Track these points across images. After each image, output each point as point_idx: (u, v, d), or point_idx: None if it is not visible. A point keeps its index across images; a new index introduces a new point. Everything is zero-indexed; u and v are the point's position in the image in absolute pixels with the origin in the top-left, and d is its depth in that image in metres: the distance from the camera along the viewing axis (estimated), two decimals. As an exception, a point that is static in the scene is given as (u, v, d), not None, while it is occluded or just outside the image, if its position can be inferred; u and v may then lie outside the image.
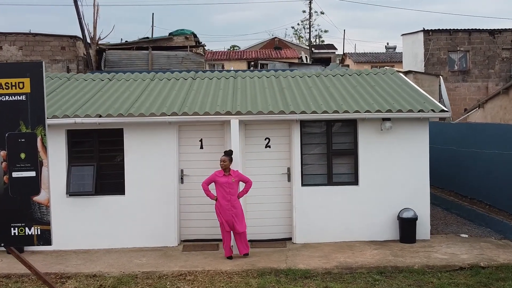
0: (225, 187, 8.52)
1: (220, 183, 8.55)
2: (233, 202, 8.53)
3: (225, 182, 8.53)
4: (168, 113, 9.34)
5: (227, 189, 8.51)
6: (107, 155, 9.74)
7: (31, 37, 24.24)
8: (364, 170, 9.65)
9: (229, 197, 8.51)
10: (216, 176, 8.62)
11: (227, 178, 8.56)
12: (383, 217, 9.65)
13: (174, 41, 24.53)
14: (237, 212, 8.57)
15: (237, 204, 8.61)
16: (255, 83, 11.37)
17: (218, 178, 8.59)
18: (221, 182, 8.54)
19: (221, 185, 8.55)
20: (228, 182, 8.53)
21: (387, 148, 9.65)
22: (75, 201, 9.54)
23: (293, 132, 9.62)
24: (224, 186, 8.52)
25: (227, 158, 8.61)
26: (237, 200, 8.64)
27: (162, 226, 9.54)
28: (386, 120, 9.47)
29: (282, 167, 9.81)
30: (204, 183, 8.68)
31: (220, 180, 8.55)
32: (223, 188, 8.53)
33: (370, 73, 11.95)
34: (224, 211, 8.51)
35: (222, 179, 8.56)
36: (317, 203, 9.63)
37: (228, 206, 8.50)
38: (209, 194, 8.67)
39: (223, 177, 8.58)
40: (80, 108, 9.66)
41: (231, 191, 8.52)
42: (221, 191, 8.55)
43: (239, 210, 8.61)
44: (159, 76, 11.89)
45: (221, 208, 8.54)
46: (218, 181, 8.57)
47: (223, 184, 8.53)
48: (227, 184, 8.52)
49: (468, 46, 27.33)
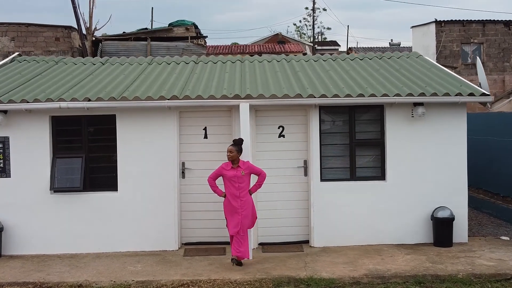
0: (234, 182, 7.28)
1: (228, 177, 7.31)
2: (243, 198, 7.29)
3: (233, 175, 7.29)
4: (168, 97, 8.10)
5: (236, 183, 7.27)
6: (98, 146, 8.49)
7: (23, 27, 23.11)
8: (392, 163, 8.41)
9: (238, 193, 7.27)
10: (223, 169, 7.39)
11: (236, 171, 7.32)
12: (414, 217, 8.41)
13: (174, 32, 23.37)
14: (246, 209, 7.28)
15: (247, 201, 7.33)
16: (264, 66, 10.14)
17: (225, 171, 7.36)
18: (229, 175, 7.30)
19: (229, 179, 7.31)
20: (237, 175, 7.29)
21: (419, 137, 8.41)
22: (60, 198, 8.30)
23: (311, 120, 8.38)
24: (233, 180, 7.29)
25: (234, 149, 7.35)
26: (248, 196, 7.39)
27: (160, 227, 8.30)
28: (419, 105, 8.23)
29: (298, 159, 8.56)
30: (210, 178, 7.45)
31: (228, 174, 7.32)
32: (231, 182, 7.29)
33: (392, 56, 10.73)
34: (233, 208, 7.27)
35: (230, 172, 7.32)
36: (338, 201, 8.39)
37: (237, 203, 7.26)
38: (216, 190, 7.45)
39: (231, 170, 7.34)
40: (66, 92, 8.41)
41: (240, 186, 7.28)
42: (229, 187, 7.31)
43: (249, 208, 7.32)
44: (157, 60, 10.66)
45: (229, 206, 7.32)
46: (225, 175, 7.34)
47: (231, 178, 7.30)
48: (235, 178, 7.28)
49: (482, 38, 26.12)
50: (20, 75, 9.53)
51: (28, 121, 8.26)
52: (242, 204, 7.24)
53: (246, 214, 7.28)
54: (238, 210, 7.23)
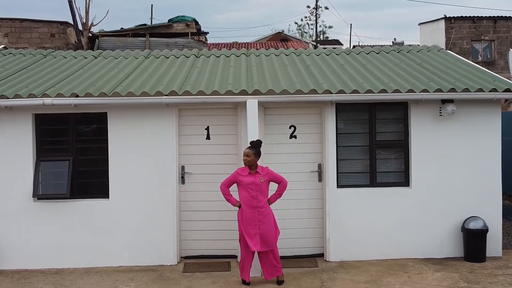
0: (251, 190, 6.34)
1: (244, 184, 6.38)
2: (261, 209, 6.36)
3: (250, 182, 6.35)
4: (165, 93, 7.19)
5: (253, 191, 6.33)
6: (87, 147, 7.57)
7: (17, 23, 22.30)
8: (418, 167, 7.50)
9: (255, 203, 6.33)
10: (239, 175, 6.45)
11: (253, 177, 6.39)
12: (442, 228, 7.50)
13: (174, 28, 22.42)
14: (266, 223, 6.36)
15: (267, 213, 6.42)
16: (272, 60, 9.23)
17: (241, 177, 6.41)
18: (245, 182, 6.37)
19: (245, 186, 6.38)
20: (255, 182, 6.35)
21: (448, 138, 7.50)
22: (45, 206, 7.39)
23: (327, 118, 7.46)
24: (249, 188, 6.35)
25: (252, 152, 6.41)
26: (267, 206, 6.46)
27: (157, 239, 7.40)
28: (448, 103, 7.32)
29: (312, 163, 7.65)
30: (223, 184, 6.53)
31: (244, 180, 6.37)
32: (248, 190, 6.35)
33: (411, 50, 9.82)
34: (248, 221, 6.34)
35: (247, 178, 6.38)
36: (356, 210, 7.48)
37: (254, 214, 6.34)
38: (230, 199, 6.52)
39: (247, 176, 6.40)
40: (52, 87, 7.50)
41: (258, 195, 6.34)
42: (245, 195, 6.37)
43: (269, 221, 6.41)
44: (155, 53, 9.74)
45: (244, 217, 6.38)
46: (241, 182, 6.40)
47: (247, 186, 6.36)
48: (253, 186, 6.34)
49: (493, 35, 25.22)
50: (3, 69, 8.62)
51: (9, 120, 7.35)
52: (261, 216, 6.33)
53: (266, 228, 6.34)
54: (256, 223, 6.31)
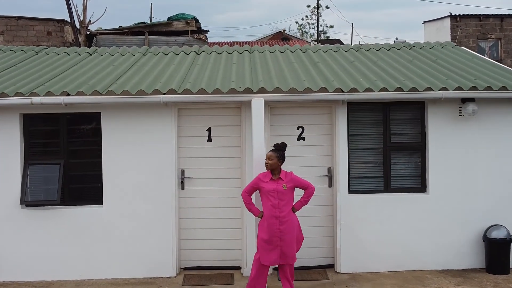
0: (272, 197, 5.74)
1: (265, 191, 5.78)
2: (284, 219, 5.74)
3: (272, 189, 5.75)
4: (163, 91, 6.65)
5: (275, 200, 5.73)
6: (79, 150, 7.03)
7: (13, 20, 21.73)
8: (436, 171, 6.96)
9: (277, 212, 5.72)
10: (261, 180, 5.84)
11: (276, 183, 5.78)
12: (462, 237, 6.96)
13: (174, 26, 21.89)
14: (288, 234, 5.74)
15: (290, 223, 5.78)
16: (277, 57, 8.69)
17: (263, 183, 5.81)
18: (266, 189, 5.76)
19: (266, 194, 5.78)
20: (278, 189, 5.75)
21: (468, 140, 6.97)
22: (34, 213, 6.85)
23: (337, 119, 6.92)
24: (271, 195, 5.74)
25: (275, 155, 5.81)
26: (292, 215, 5.84)
27: (154, 249, 6.86)
28: (469, 102, 6.78)
29: (321, 166, 7.11)
30: (244, 192, 5.95)
31: (266, 187, 5.77)
32: (269, 198, 5.75)
33: (423, 46, 9.28)
34: (268, 232, 5.73)
35: (269, 185, 5.78)
36: (369, 217, 6.94)
37: (275, 225, 5.73)
38: (252, 208, 5.93)
39: (269, 183, 5.79)
40: (42, 85, 6.96)
41: (280, 204, 5.73)
42: (266, 203, 5.79)
43: (292, 233, 5.79)
44: (153, 50, 9.20)
45: (266, 229, 5.77)
46: (263, 188, 5.80)
47: (268, 193, 5.76)
48: (274, 193, 5.74)
49: (500, 34, 24.64)
50: (-9, 66, 8.09)
51: (-5, 120, 6.82)
52: (283, 227, 5.72)
53: (288, 240, 5.74)
54: (277, 234, 5.72)
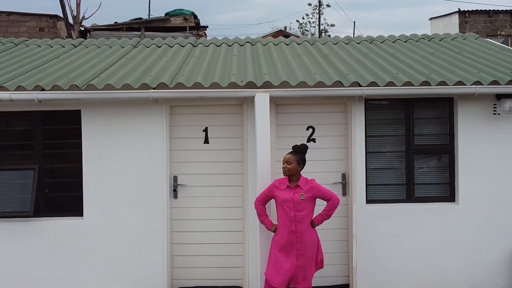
0: (287, 208, 4.87)
1: (280, 201, 4.91)
2: (301, 234, 4.87)
3: (287, 199, 4.87)
4: (153, 85, 5.75)
5: (291, 211, 4.85)
6: (57, 153, 6.13)
7: (4, 16, 20.91)
8: (466, 178, 6.06)
9: (293, 226, 4.85)
10: (276, 188, 4.99)
11: (292, 192, 4.91)
12: (496, 253, 6.07)
13: (171, 22, 21.02)
14: (306, 253, 4.89)
15: (308, 240, 4.91)
16: (282, 49, 7.81)
17: (278, 191, 4.95)
18: (281, 198, 4.90)
19: (281, 204, 4.92)
20: (293, 199, 4.86)
21: (504, 142, 6.07)
22: (4, 226, 5.96)
23: (354, 118, 6.02)
24: (286, 206, 4.87)
25: (294, 158, 4.94)
26: (311, 231, 4.95)
27: (143, 266, 5.96)
28: (505, 98, 5.89)
29: (334, 172, 6.21)
30: (257, 201, 5.12)
31: (280, 196, 4.91)
32: (284, 209, 4.89)
33: (443, 38, 8.40)
34: (282, 248, 4.89)
35: (283, 193, 4.91)
36: (390, 230, 6.05)
37: (291, 241, 4.87)
38: (264, 220, 5.10)
39: (285, 191, 4.92)
40: (13, 79, 6.07)
41: (297, 216, 4.85)
42: (281, 214, 4.93)
43: (310, 251, 4.92)
44: (145, 42, 8.31)
45: (278, 244, 4.93)
46: (277, 197, 4.95)
47: (283, 203, 4.89)
48: (290, 204, 4.86)
49: (510, 30, 23.81)
50: (-39, 58, 7.20)
51: (-42, 119, 5.92)
52: (300, 245, 4.87)
53: (305, 260, 4.88)
54: (293, 252, 4.86)
